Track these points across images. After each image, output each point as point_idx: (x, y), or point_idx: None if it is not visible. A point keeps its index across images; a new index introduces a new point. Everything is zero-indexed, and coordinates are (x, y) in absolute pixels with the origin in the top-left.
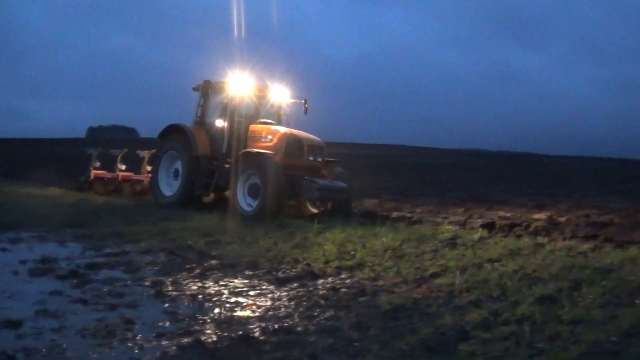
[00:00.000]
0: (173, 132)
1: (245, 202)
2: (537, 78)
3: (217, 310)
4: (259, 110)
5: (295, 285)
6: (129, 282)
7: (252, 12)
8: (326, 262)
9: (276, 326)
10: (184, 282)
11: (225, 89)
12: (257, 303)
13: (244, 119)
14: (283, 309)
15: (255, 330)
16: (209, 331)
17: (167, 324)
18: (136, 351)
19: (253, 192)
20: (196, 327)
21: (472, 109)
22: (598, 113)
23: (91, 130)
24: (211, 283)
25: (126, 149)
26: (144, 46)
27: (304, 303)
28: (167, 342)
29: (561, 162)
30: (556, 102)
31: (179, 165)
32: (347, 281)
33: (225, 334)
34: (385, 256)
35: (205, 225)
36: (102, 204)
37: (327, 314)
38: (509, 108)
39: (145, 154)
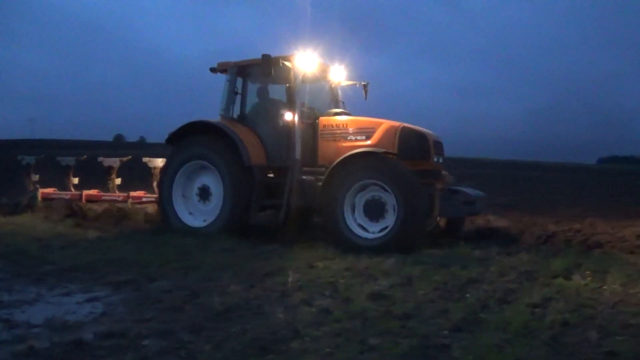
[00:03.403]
0: (196, 134)
1: (357, 226)
2: (381, 80)
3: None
4: (323, 98)
5: (129, 288)
6: None
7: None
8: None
9: (109, 330)
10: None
11: (290, 68)
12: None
13: (310, 111)
14: (117, 312)
15: (88, 335)
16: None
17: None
18: None
19: (373, 211)
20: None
21: None
22: (440, 114)
23: None
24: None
25: (85, 156)
26: None
27: (138, 306)
28: None
29: None
30: (399, 104)
31: (209, 181)
32: (182, 282)
33: (58, 339)
34: (221, 256)
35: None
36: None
37: (161, 317)
38: (353, 109)
39: (113, 162)
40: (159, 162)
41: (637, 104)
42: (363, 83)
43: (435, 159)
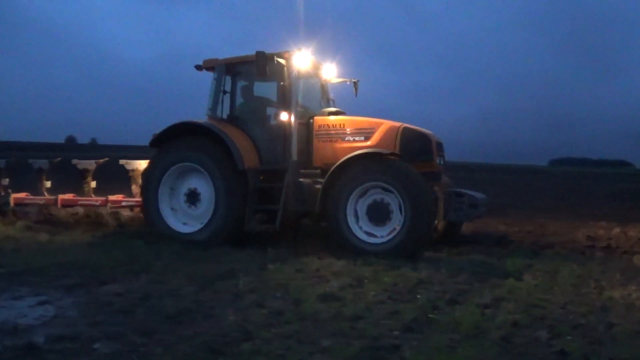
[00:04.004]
0: (184, 135)
1: (361, 230)
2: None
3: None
4: (314, 96)
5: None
6: None
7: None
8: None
9: (61, 334)
10: None
11: (285, 65)
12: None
13: (303, 110)
14: (68, 316)
15: (39, 338)
16: None
17: None
18: None
19: (377, 214)
20: None
21: None
22: (392, 117)
23: None
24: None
25: (59, 158)
26: None
27: (89, 309)
28: None
29: None
30: (351, 106)
31: (198, 184)
32: (133, 285)
33: (9, 343)
34: (172, 259)
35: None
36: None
37: (112, 320)
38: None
39: (88, 164)
40: (137, 164)
41: (589, 106)
42: (353, 80)
43: (437, 161)
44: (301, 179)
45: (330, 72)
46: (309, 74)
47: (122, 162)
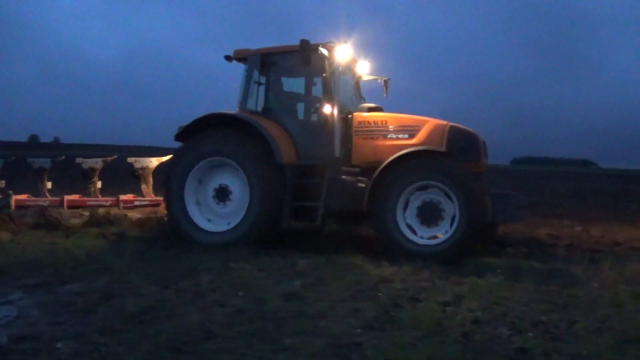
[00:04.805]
0: (214, 127)
1: (410, 232)
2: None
3: None
4: (348, 93)
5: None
6: None
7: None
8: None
9: (23, 333)
10: None
11: (327, 57)
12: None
13: (343, 105)
14: (30, 315)
15: (1, 338)
16: None
17: None
18: None
19: (428, 215)
20: None
21: (227, 106)
22: None
23: None
24: None
25: (63, 157)
26: None
27: (51, 309)
28: None
29: None
30: None
31: (228, 180)
32: (95, 285)
33: None
34: (134, 258)
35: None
36: None
37: (74, 319)
38: None
39: (94, 163)
40: (148, 161)
41: (552, 106)
42: (384, 78)
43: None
44: (343, 176)
45: (364, 69)
46: (346, 68)
47: (130, 159)
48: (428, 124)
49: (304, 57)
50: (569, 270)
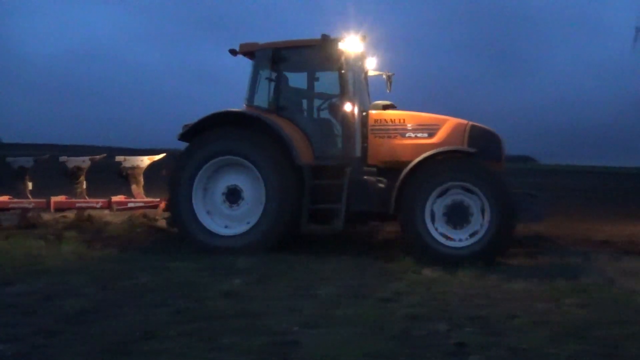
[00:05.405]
0: (224, 126)
1: (437, 233)
2: (230, 76)
3: None
4: (365, 89)
5: None
6: None
7: None
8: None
9: None
10: None
11: (343, 52)
12: None
13: (360, 103)
14: None
15: None
16: None
17: None
18: None
19: (456, 216)
20: None
21: (169, 107)
22: None
23: None
24: None
25: (47, 155)
26: None
27: None
28: None
29: None
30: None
31: (238, 180)
32: (34, 286)
33: None
34: (73, 259)
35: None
36: None
37: (14, 321)
38: (204, 105)
39: (81, 162)
40: (139, 160)
41: (492, 102)
42: (388, 74)
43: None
44: (365, 177)
45: (371, 64)
46: (358, 64)
47: (119, 158)
48: (448, 123)
49: (326, 53)
50: (507, 265)
